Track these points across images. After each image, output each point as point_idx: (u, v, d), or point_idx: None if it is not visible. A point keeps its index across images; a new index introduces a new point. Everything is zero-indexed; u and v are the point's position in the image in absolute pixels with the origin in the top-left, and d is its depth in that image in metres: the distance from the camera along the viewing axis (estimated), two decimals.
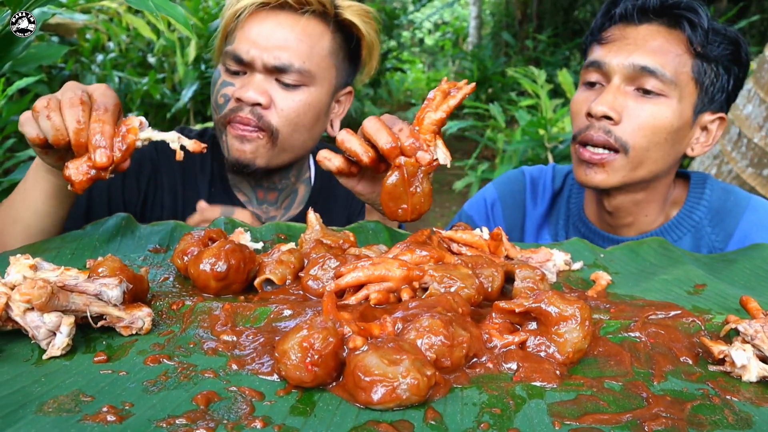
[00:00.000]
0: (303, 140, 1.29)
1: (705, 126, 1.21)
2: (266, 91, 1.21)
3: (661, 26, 1.16)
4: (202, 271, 0.76)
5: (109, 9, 4.44)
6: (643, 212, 1.26)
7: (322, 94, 1.26)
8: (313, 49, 1.23)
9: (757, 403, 0.60)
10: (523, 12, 9.21)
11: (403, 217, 0.86)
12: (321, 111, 1.28)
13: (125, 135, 0.84)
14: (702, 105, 1.17)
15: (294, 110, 1.23)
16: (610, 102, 1.14)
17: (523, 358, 0.62)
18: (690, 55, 1.14)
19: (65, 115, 0.81)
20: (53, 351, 0.63)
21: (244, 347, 0.65)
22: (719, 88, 1.17)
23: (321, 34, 1.24)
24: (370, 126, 0.85)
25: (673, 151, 1.18)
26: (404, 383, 0.53)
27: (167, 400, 0.55)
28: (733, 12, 5.15)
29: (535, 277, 0.76)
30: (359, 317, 0.66)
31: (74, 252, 0.93)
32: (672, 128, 1.14)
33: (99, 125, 0.82)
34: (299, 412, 0.54)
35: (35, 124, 0.83)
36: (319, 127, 1.31)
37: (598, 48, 1.20)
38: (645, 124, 1.13)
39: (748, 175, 2.64)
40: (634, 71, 1.14)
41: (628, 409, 0.57)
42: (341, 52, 1.29)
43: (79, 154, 0.83)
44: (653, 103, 1.14)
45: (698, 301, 0.82)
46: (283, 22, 1.22)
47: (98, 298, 0.67)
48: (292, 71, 1.21)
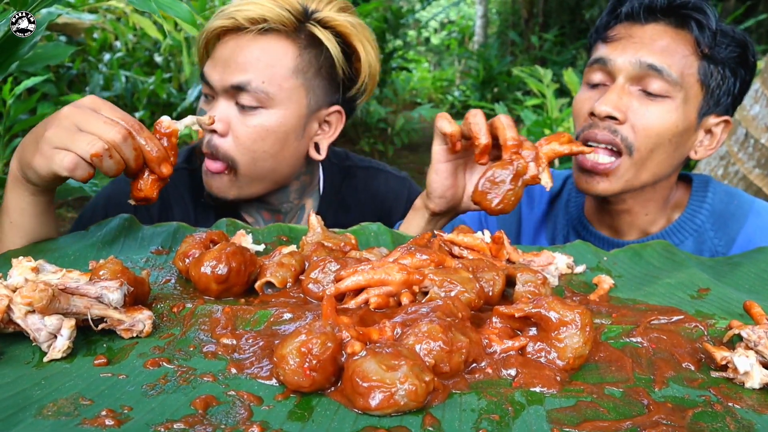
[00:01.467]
0: (270, 168, 1.22)
1: (709, 129, 1.19)
2: (224, 118, 1.17)
3: (668, 26, 1.14)
4: (203, 273, 0.76)
5: (116, 9, 4.46)
6: (643, 210, 1.24)
7: (286, 116, 1.19)
8: (273, 67, 1.17)
9: (760, 410, 0.59)
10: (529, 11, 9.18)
11: (491, 204, 0.95)
12: (287, 135, 1.20)
13: (169, 139, 0.91)
14: (707, 108, 1.15)
15: (249, 137, 1.17)
16: (615, 102, 1.11)
17: (522, 364, 0.62)
18: (697, 56, 1.12)
19: (123, 151, 0.86)
20: (54, 354, 0.63)
21: (243, 351, 0.65)
22: (725, 90, 1.15)
23: (284, 51, 1.18)
24: (504, 121, 0.98)
25: (677, 154, 1.17)
26: (402, 389, 0.53)
27: (166, 404, 0.56)
28: (740, 11, 5.12)
29: (537, 281, 0.76)
30: (359, 321, 0.66)
31: (77, 253, 0.93)
32: (677, 130, 1.13)
33: (148, 143, 0.88)
34: (297, 417, 0.54)
35: (87, 165, 0.85)
36: (288, 151, 1.22)
37: (603, 46, 1.17)
38: (650, 125, 1.11)
39: (755, 176, 2.62)
40: (640, 69, 1.11)
41: (629, 416, 0.56)
42: (311, 70, 1.21)
43: (132, 174, 0.90)
44: (658, 105, 1.12)
45: (702, 306, 0.81)
46: (243, 43, 1.17)
47: (99, 300, 0.67)
48: (249, 90, 1.15)
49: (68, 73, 4.57)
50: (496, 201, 0.94)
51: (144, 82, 4.86)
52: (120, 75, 4.80)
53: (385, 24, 6.59)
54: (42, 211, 0.97)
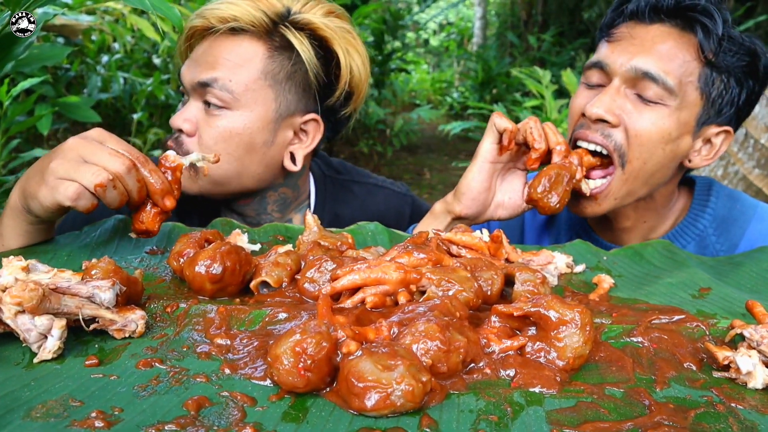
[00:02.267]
0: (235, 171, 1.18)
1: (708, 139, 1.13)
2: (191, 118, 1.16)
3: (673, 28, 1.08)
4: (197, 273, 0.75)
5: (114, 10, 4.45)
6: (641, 218, 1.21)
7: (251, 119, 1.15)
8: (241, 67, 1.14)
9: (763, 411, 0.58)
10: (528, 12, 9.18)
11: (549, 202, 1.03)
12: (252, 139, 1.16)
13: (173, 173, 0.91)
14: (707, 117, 1.10)
15: (212, 138, 1.15)
16: (607, 104, 1.07)
17: (522, 364, 0.61)
18: (699, 62, 1.06)
19: (126, 183, 0.86)
20: (44, 354, 0.62)
21: (237, 351, 0.64)
22: (728, 101, 1.09)
23: (253, 51, 1.16)
24: (552, 127, 1.08)
25: (672, 164, 1.12)
26: (398, 389, 0.52)
27: (158, 405, 0.54)
28: (740, 12, 5.11)
29: (536, 281, 0.75)
30: (355, 321, 0.65)
31: (70, 254, 0.92)
32: (670, 138, 1.07)
33: (152, 176, 0.88)
34: (291, 419, 0.53)
35: (90, 196, 0.84)
36: (255, 157, 1.18)
37: (605, 45, 1.13)
38: (643, 131, 1.06)
39: (755, 176, 2.61)
40: (635, 74, 1.06)
41: (630, 417, 0.55)
42: (282, 73, 1.17)
43: (135, 206, 0.89)
44: (652, 110, 1.07)
45: (703, 305, 0.80)
46: (214, 43, 1.17)
47: (91, 300, 0.66)
48: (215, 87, 1.13)
49: (66, 75, 4.56)
50: (554, 200, 1.03)
51: (142, 83, 4.84)
52: (118, 76, 4.79)
53: (384, 25, 6.58)
54: (40, 236, 0.96)
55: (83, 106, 3.51)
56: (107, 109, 5.00)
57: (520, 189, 1.13)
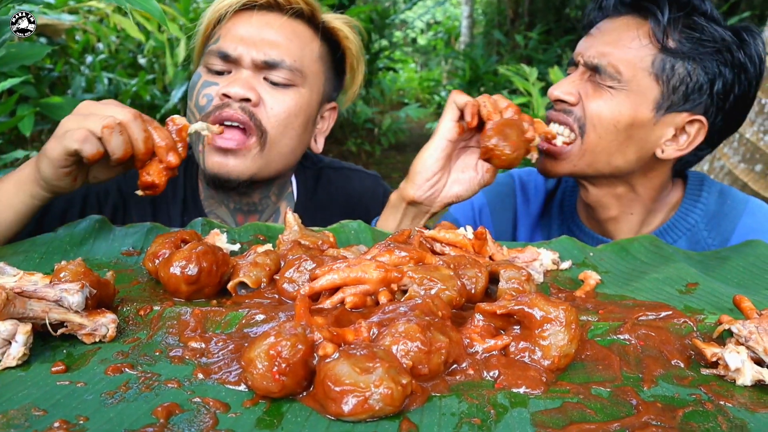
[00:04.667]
0: (292, 147, 1.21)
1: (682, 127, 1.14)
2: (254, 87, 1.15)
3: (634, 18, 1.14)
4: (172, 274, 0.72)
5: (98, 10, 4.39)
6: (627, 209, 1.22)
7: (311, 98, 1.21)
8: (304, 50, 1.19)
9: (753, 408, 0.57)
10: (514, 11, 9.19)
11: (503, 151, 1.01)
12: (310, 117, 1.22)
13: (179, 133, 0.93)
14: (669, 103, 1.11)
15: (285, 110, 1.16)
16: (566, 87, 1.16)
17: (506, 365, 0.59)
18: (655, 48, 1.10)
19: (132, 130, 0.88)
20: (8, 361, 0.59)
21: (212, 355, 0.62)
22: (694, 88, 1.10)
23: (311, 37, 1.21)
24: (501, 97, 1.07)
25: (634, 147, 1.14)
26: (377, 393, 0.50)
27: (125, 413, 0.52)
28: (723, 9, 5.14)
29: (521, 278, 0.73)
30: (334, 322, 0.63)
31: (43, 255, 0.89)
32: (622, 119, 1.12)
33: (159, 132, 0.91)
34: (266, 425, 0.51)
35: (96, 141, 0.87)
36: (307, 135, 1.24)
37: (581, 41, 1.21)
38: (596, 110, 1.13)
39: (740, 170, 2.62)
40: (586, 65, 1.16)
41: (617, 418, 0.54)
42: (328, 61, 1.25)
43: (141, 162, 0.91)
44: (602, 93, 1.13)
45: (690, 301, 0.78)
46: (272, 22, 1.18)
47: (59, 304, 0.64)
48: (283, 68, 1.16)
49: (49, 75, 4.49)
50: (508, 149, 1.02)
51: (127, 84, 4.79)
52: (102, 77, 4.73)
53: (371, 24, 6.55)
54: (24, 214, 0.97)
55: (66, 106, 3.45)
56: None
57: (475, 163, 1.12)
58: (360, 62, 1.29)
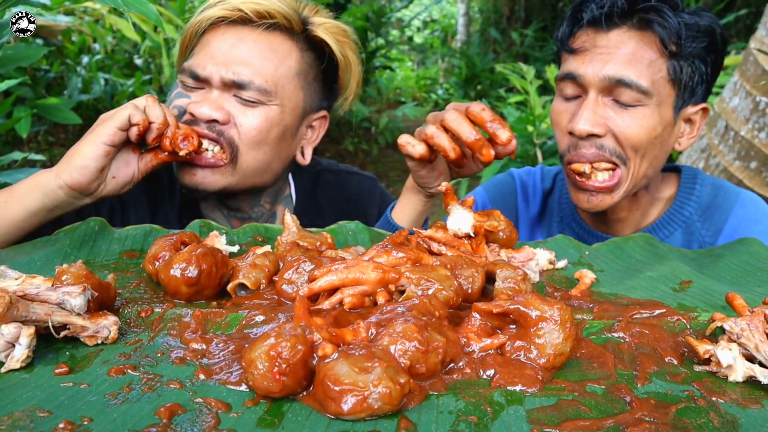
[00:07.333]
0: (266, 161, 1.19)
1: (688, 118, 1.19)
2: (222, 107, 1.13)
3: (632, 30, 1.10)
4: (172, 276, 0.73)
5: (94, 11, 4.39)
6: (636, 207, 1.25)
7: (285, 114, 1.17)
8: (278, 68, 1.15)
9: (744, 404, 0.58)
10: (510, 8, 9.20)
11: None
12: (287, 130, 1.19)
13: None
14: (683, 101, 1.15)
15: (255, 127, 1.14)
16: (591, 119, 1.10)
17: (502, 363, 0.60)
18: (664, 57, 1.10)
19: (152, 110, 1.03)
20: (12, 363, 0.60)
21: (213, 356, 0.63)
22: (698, 81, 1.14)
23: (288, 52, 1.16)
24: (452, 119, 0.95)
25: (663, 152, 1.17)
26: (376, 392, 0.51)
27: (129, 413, 0.53)
28: (720, 6, 5.15)
29: (517, 277, 0.74)
30: (333, 322, 0.64)
31: (45, 258, 0.90)
32: (656, 133, 1.12)
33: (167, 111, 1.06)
34: (267, 424, 0.52)
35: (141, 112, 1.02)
36: (284, 148, 1.21)
37: (571, 58, 1.14)
38: (629, 133, 1.10)
39: (735, 168, 2.64)
40: (609, 83, 1.09)
41: (611, 414, 0.55)
42: (311, 73, 1.21)
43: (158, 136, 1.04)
44: (632, 113, 1.10)
45: (684, 299, 0.80)
46: (246, 38, 1.14)
47: (61, 307, 0.64)
48: (251, 89, 1.13)
49: (45, 76, 4.49)
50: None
51: (123, 84, 4.79)
52: (99, 78, 4.72)
53: (368, 23, 6.55)
54: (34, 212, 1.01)
55: (63, 107, 3.45)
56: (88, 111, 4.93)
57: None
58: (352, 70, 1.25)
